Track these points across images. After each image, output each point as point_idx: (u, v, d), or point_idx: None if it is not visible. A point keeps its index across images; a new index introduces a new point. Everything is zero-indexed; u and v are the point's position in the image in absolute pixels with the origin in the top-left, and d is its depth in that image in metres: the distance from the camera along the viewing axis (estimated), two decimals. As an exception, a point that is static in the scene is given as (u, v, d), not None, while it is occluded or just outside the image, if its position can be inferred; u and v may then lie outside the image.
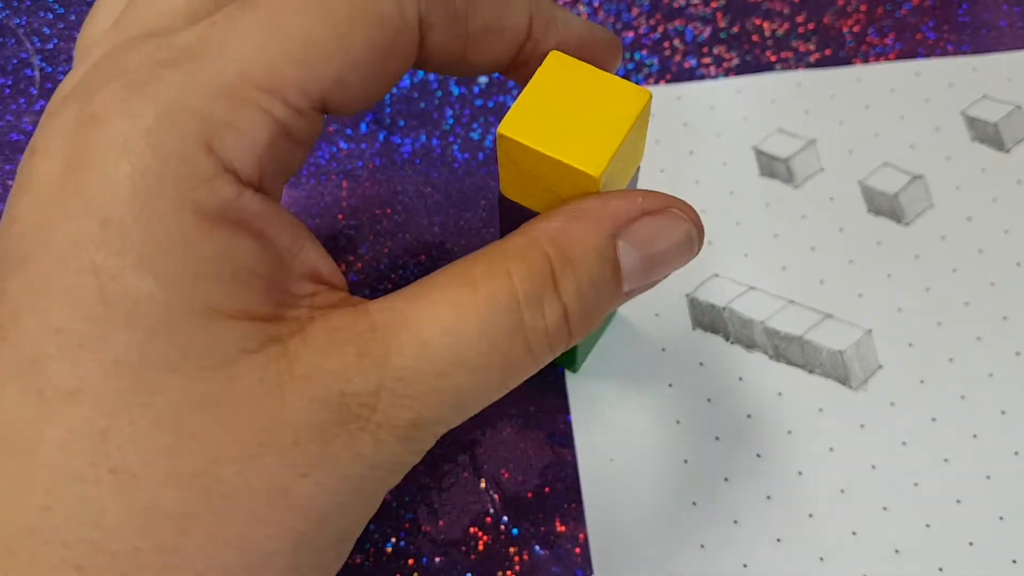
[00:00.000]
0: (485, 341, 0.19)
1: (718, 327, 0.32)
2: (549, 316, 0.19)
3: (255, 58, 0.18)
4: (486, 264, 0.19)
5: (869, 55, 0.38)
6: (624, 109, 0.22)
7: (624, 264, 0.20)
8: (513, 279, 0.19)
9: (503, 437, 0.31)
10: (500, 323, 0.19)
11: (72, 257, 0.17)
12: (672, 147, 0.36)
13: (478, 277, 0.19)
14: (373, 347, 0.18)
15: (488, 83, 0.37)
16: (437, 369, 0.18)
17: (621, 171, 0.23)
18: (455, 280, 0.19)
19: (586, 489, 0.30)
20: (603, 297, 0.20)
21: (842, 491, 0.29)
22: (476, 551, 0.29)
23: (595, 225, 0.20)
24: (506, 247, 0.20)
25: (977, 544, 0.29)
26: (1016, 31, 0.38)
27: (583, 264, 0.20)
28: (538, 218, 0.21)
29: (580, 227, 0.20)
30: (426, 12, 0.20)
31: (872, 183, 0.35)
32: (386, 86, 0.20)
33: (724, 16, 0.39)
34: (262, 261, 0.18)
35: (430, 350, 0.18)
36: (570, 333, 0.20)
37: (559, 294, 0.19)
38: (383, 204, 0.35)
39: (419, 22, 0.20)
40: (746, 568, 0.29)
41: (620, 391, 0.31)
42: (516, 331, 0.19)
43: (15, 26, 0.39)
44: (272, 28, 0.18)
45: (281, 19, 0.18)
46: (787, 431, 0.30)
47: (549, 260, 0.19)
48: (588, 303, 0.20)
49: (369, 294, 0.33)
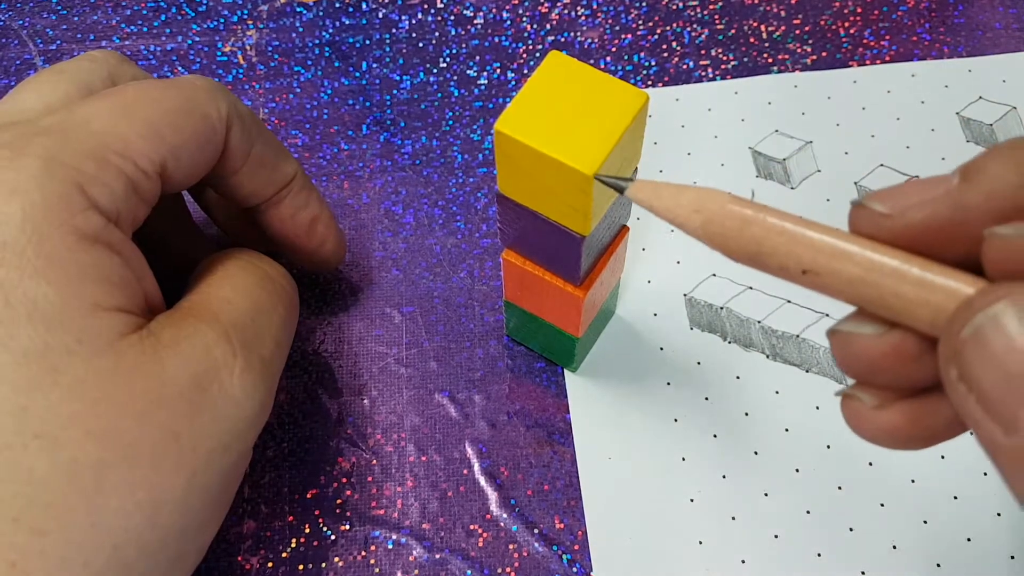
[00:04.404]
0: (251, 299, 0.26)
1: (715, 326, 0.32)
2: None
3: (112, 132, 0.23)
4: (241, 259, 0.27)
5: (865, 57, 0.38)
6: (621, 110, 0.23)
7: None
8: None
9: (503, 435, 0.31)
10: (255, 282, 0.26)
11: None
12: (670, 148, 0.36)
13: (236, 268, 0.26)
14: (205, 314, 0.24)
15: (488, 85, 0.38)
16: (247, 315, 0.25)
17: (618, 171, 0.23)
18: (224, 276, 0.26)
19: (585, 486, 0.30)
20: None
21: (839, 487, 0.30)
22: (476, 548, 0.29)
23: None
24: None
25: (975, 540, 0.29)
26: (1011, 33, 0.38)
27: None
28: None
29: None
30: (230, 121, 0.26)
31: (868, 184, 0.35)
32: (206, 167, 0.26)
33: (721, 18, 0.39)
34: (125, 274, 0.23)
35: (232, 304, 0.25)
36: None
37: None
38: (383, 204, 0.35)
39: (226, 125, 0.26)
40: (744, 564, 0.29)
41: (619, 390, 0.31)
42: (266, 281, 0.27)
43: (18, 27, 0.39)
44: (123, 113, 0.24)
45: (130, 108, 0.24)
46: (784, 429, 0.31)
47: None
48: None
49: (369, 293, 0.33)
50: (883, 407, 0.18)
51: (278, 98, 0.37)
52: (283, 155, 0.29)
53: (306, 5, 0.40)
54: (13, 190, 0.21)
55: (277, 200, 0.29)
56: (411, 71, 0.38)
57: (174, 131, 0.24)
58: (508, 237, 0.27)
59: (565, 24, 0.39)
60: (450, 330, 0.33)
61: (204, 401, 0.23)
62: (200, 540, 0.24)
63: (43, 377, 0.21)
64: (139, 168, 0.23)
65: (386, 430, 0.31)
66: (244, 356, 0.24)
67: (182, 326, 0.23)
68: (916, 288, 0.17)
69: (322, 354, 0.32)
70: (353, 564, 0.29)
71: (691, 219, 0.19)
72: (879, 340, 0.18)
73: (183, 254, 0.30)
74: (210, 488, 0.23)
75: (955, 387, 0.16)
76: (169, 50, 0.39)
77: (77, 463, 0.21)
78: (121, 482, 0.21)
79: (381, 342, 0.32)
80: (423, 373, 0.32)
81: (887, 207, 0.17)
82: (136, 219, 0.24)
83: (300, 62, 0.38)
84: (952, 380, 0.16)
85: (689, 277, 0.33)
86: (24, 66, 0.38)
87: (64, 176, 0.22)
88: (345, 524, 0.30)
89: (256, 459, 0.30)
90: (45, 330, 0.21)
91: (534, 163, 0.22)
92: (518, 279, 0.28)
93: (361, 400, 0.31)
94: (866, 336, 0.18)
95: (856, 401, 0.19)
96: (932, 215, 0.17)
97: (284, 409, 0.31)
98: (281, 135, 0.37)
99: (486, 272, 0.34)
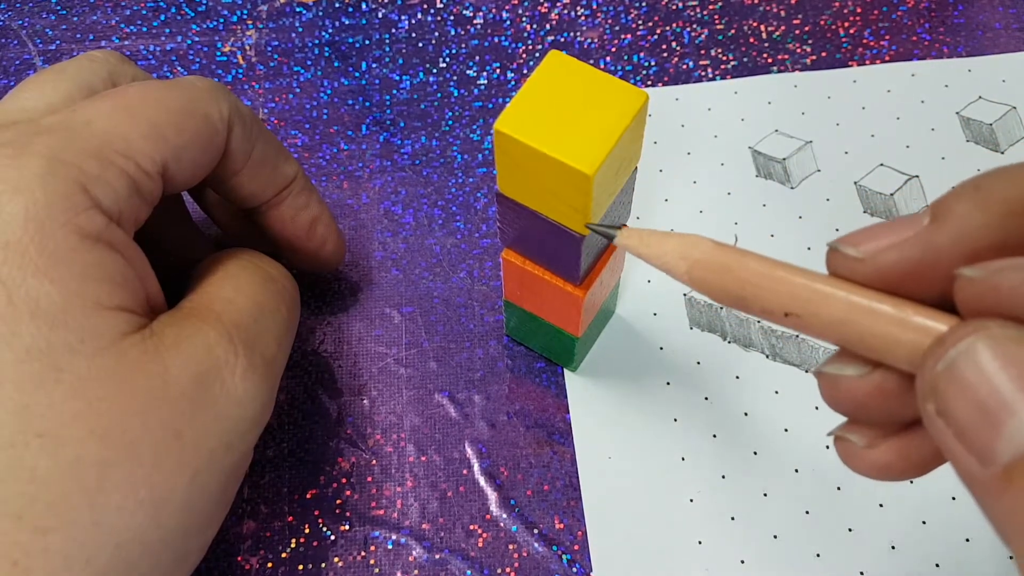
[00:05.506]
0: (252, 300, 0.26)
1: (715, 326, 0.32)
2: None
3: (114, 132, 0.23)
4: (243, 259, 0.27)
5: (865, 57, 0.38)
6: (621, 109, 0.23)
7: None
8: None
9: (502, 435, 0.31)
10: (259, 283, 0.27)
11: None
12: (670, 148, 0.36)
13: (238, 269, 0.27)
14: (207, 315, 0.24)
15: (487, 85, 0.38)
16: (249, 315, 0.25)
17: (617, 171, 0.24)
18: (226, 276, 0.26)
19: (585, 486, 0.30)
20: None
21: (838, 488, 0.30)
22: (476, 548, 0.29)
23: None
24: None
25: (974, 540, 0.29)
26: (1011, 33, 0.38)
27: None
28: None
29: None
30: (231, 122, 0.26)
31: (868, 183, 0.35)
32: (207, 168, 0.26)
33: (721, 18, 0.39)
34: (128, 273, 0.23)
35: (234, 305, 0.25)
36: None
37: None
38: (383, 204, 0.35)
39: (227, 126, 0.26)
40: (743, 564, 0.29)
41: (618, 389, 0.31)
42: (268, 281, 0.27)
43: (18, 27, 0.39)
44: (126, 113, 0.24)
45: (132, 108, 0.24)
46: (783, 429, 0.31)
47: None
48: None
49: (369, 293, 0.33)
50: (873, 446, 0.19)
51: (278, 98, 0.37)
52: (284, 156, 0.29)
53: (306, 5, 0.40)
54: (16, 189, 0.21)
55: (277, 201, 0.29)
56: (411, 71, 0.38)
57: (176, 132, 0.24)
58: (508, 237, 0.27)
59: (565, 24, 0.39)
60: (450, 330, 0.33)
61: (206, 401, 0.23)
62: (201, 539, 0.24)
63: (45, 375, 0.21)
64: (141, 168, 0.23)
65: (386, 430, 0.31)
66: (246, 356, 0.24)
67: (184, 326, 0.23)
68: (893, 327, 0.17)
69: (322, 354, 0.32)
70: (353, 564, 0.29)
71: (677, 266, 0.20)
72: (863, 381, 0.18)
73: (183, 254, 0.30)
74: (212, 487, 0.23)
75: (933, 421, 0.16)
76: (169, 50, 0.39)
77: (80, 461, 0.21)
78: (123, 481, 0.21)
79: (381, 342, 0.32)
80: (423, 373, 0.32)
81: (859, 251, 0.18)
82: (138, 219, 0.24)
83: (300, 62, 0.38)
84: (930, 415, 0.16)
85: (689, 277, 0.33)
86: (24, 66, 0.38)
87: (67, 175, 0.22)
88: (345, 524, 0.30)
89: (256, 459, 0.30)
90: (48, 328, 0.21)
91: (534, 163, 0.22)
92: (518, 279, 0.28)
93: (361, 400, 0.31)
94: (850, 377, 0.18)
95: (848, 442, 0.19)
96: (902, 258, 0.17)
97: (284, 409, 0.31)
98: (281, 135, 0.37)
99: (486, 272, 0.34)
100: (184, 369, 0.23)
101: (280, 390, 0.32)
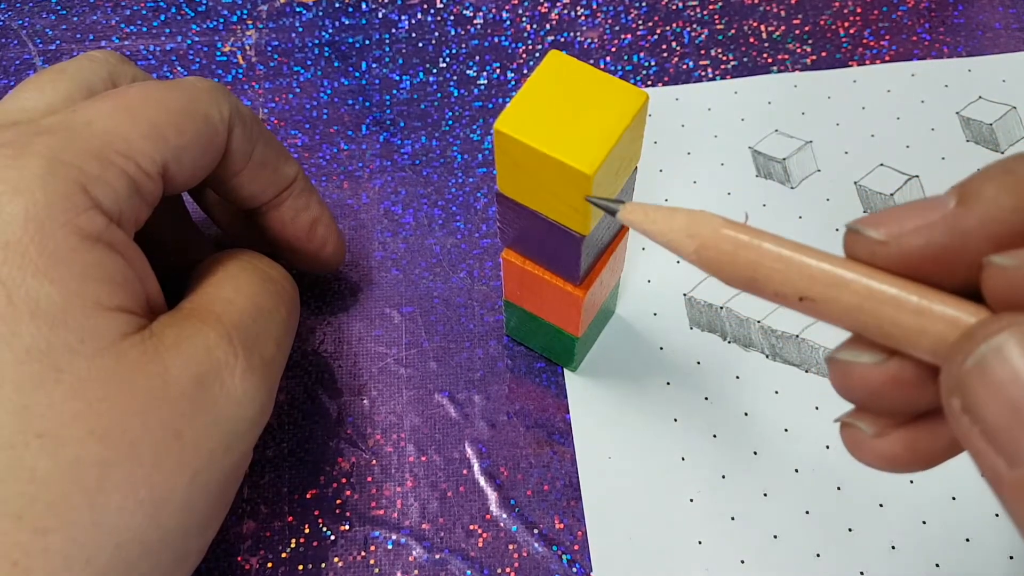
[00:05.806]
0: (252, 300, 0.26)
1: (715, 326, 0.32)
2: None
3: (115, 132, 0.23)
4: (243, 260, 0.27)
5: (865, 57, 0.38)
6: (621, 109, 0.23)
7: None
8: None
9: (502, 435, 0.31)
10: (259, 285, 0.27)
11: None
12: (670, 148, 0.36)
13: (238, 269, 0.27)
14: (207, 315, 0.24)
15: (487, 85, 0.38)
16: (248, 316, 0.25)
17: (617, 171, 0.24)
18: (226, 277, 0.26)
19: (585, 486, 0.30)
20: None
21: (838, 488, 0.30)
22: (476, 548, 0.29)
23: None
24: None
25: (974, 541, 0.29)
26: (1011, 33, 0.38)
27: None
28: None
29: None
30: (232, 123, 0.26)
31: (868, 183, 0.35)
32: (207, 168, 0.26)
33: (721, 18, 0.39)
34: (128, 273, 0.23)
35: (233, 305, 0.25)
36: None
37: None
38: (383, 204, 0.35)
39: (228, 127, 0.26)
40: (743, 564, 0.29)
41: (618, 389, 0.31)
42: (268, 282, 0.27)
43: (18, 27, 0.39)
44: (126, 114, 0.24)
45: (133, 109, 0.24)
46: (783, 429, 0.31)
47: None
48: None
49: (369, 293, 0.33)
50: (882, 435, 0.18)
51: (278, 98, 0.37)
52: (284, 157, 0.29)
53: (306, 5, 0.40)
54: (16, 189, 0.21)
55: (278, 202, 0.29)
56: (411, 71, 0.38)
57: (176, 132, 0.24)
58: (508, 237, 0.27)
59: (565, 24, 0.39)
60: (450, 330, 0.33)
61: (206, 401, 0.23)
62: (201, 540, 0.24)
63: (45, 376, 0.21)
64: (141, 169, 0.23)
65: (386, 430, 0.31)
66: (246, 357, 0.24)
67: (184, 327, 0.24)
68: (915, 317, 0.16)
69: (322, 354, 0.32)
70: (353, 564, 0.29)
71: (685, 244, 0.18)
72: (878, 369, 0.17)
73: (183, 254, 0.30)
74: (212, 488, 0.23)
75: (958, 418, 0.16)
76: (168, 50, 0.39)
77: (79, 462, 0.21)
78: (123, 481, 0.21)
79: (381, 342, 0.32)
80: (423, 373, 0.32)
81: (882, 234, 0.17)
82: (138, 220, 0.24)
83: (300, 62, 0.38)
84: (955, 411, 0.16)
85: (689, 277, 0.33)
86: (24, 66, 0.38)
87: (67, 175, 0.22)
88: (345, 524, 0.30)
89: (256, 459, 0.30)
90: (47, 329, 0.21)
91: (534, 162, 0.22)
92: (518, 279, 0.28)
93: (361, 400, 0.31)
94: (865, 365, 0.18)
95: (855, 429, 0.19)
96: (929, 242, 0.17)
97: (284, 409, 0.31)
98: (281, 135, 0.37)
99: (486, 272, 0.34)
100: (184, 370, 0.23)
101: (280, 390, 0.32)
